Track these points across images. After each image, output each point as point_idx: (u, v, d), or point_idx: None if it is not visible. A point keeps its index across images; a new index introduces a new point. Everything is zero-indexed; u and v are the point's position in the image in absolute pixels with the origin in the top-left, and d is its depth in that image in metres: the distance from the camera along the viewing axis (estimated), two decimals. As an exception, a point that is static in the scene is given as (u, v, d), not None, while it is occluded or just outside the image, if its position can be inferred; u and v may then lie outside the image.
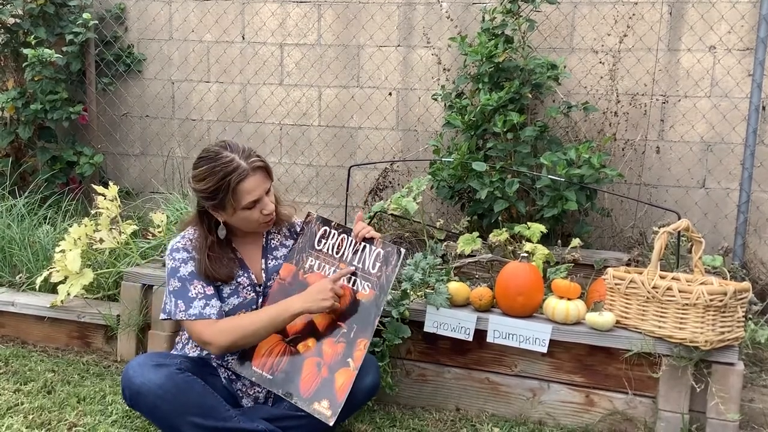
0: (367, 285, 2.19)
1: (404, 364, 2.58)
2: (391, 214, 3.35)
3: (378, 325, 2.43)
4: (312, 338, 2.16)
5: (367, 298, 2.17)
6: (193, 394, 2.03)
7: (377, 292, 2.17)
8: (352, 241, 2.23)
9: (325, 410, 2.05)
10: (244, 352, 2.17)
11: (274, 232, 2.36)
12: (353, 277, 2.20)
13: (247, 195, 2.12)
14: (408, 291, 2.46)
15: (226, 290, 2.21)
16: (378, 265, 2.19)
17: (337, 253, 2.24)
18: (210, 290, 2.18)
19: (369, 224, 3.42)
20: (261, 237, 2.33)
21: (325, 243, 2.26)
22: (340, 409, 2.05)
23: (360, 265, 2.21)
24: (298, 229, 2.38)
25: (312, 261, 2.25)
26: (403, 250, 2.19)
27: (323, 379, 2.10)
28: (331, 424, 2.05)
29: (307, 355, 2.14)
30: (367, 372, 2.19)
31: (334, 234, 2.26)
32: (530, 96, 3.38)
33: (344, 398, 2.06)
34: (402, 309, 2.42)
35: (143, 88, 4.45)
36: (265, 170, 2.18)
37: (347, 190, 3.43)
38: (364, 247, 2.22)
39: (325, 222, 2.29)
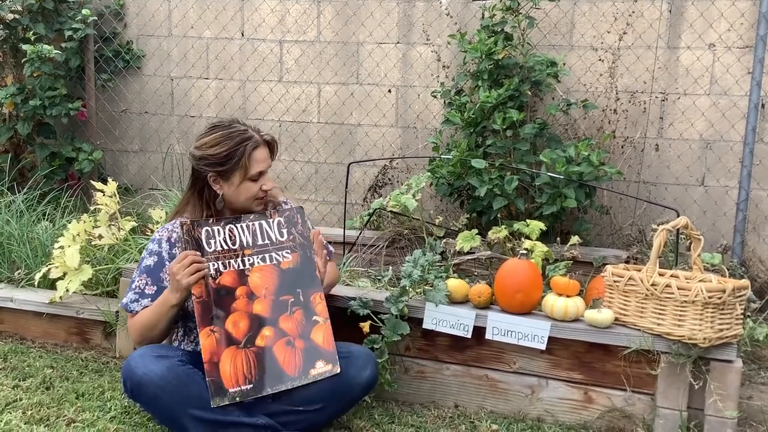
0: (286, 252, 2.23)
1: (403, 361, 2.58)
2: (390, 211, 3.36)
3: (377, 322, 2.44)
4: (265, 327, 2.12)
5: (293, 262, 2.22)
6: (194, 386, 2.03)
7: (300, 252, 2.24)
8: (241, 226, 2.22)
9: (324, 367, 2.11)
10: (215, 384, 2.02)
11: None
12: (268, 254, 2.21)
13: (256, 164, 2.21)
14: (407, 288, 2.46)
15: None
16: (284, 231, 2.25)
17: (233, 244, 2.19)
18: (151, 290, 2.21)
19: (368, 221, 3.43)
20: None
21: (214, 242, 2.17)
22: (336, 356, 2.12)
23: (267, 242, 2.22)
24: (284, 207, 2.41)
25: (214, 265, 2.14)
26: (301, 207, 2.30)
27: (302, 349, 2.12)
28: (338, 371, 2.11)
29: (270, 344, 2.11)
30: (364, 366, 2.19)
31: (219, 230, 2.19)
32: (530, 93, 3.38)
33: (333, 346, 2.14)
34: (401, 306, 2.42)
35: (142, 84, 4.45)
36: (272, 146, 2.29)
37: (346, 187, 3.43)
38: (260, 224, 2.23)
39: (201, 224, 2.18)
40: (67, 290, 2.89)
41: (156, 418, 2.18)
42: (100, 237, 3.04)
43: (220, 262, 2.15)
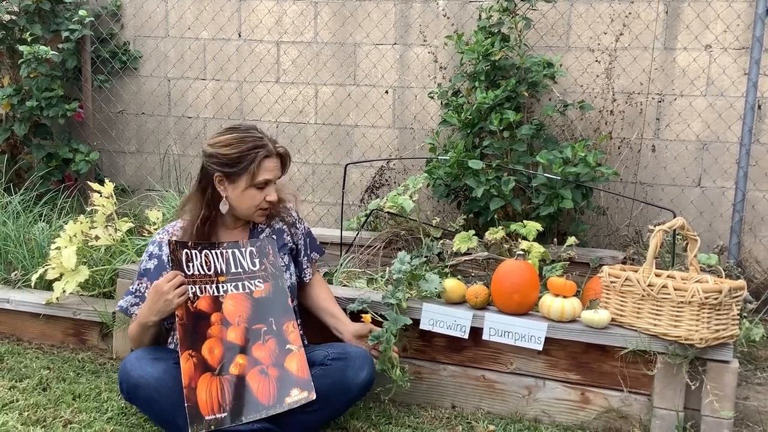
0: (258, 281, 2.23)
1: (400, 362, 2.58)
2: (388, 212, 3.36)
3: (378, 317, 2.43)
4: (238, 355, 2.10)
5: (266, 292, 2.22)
6: (189, 389, 2.03)
7: (273, 281, 2.24)
8: (216, 252, 2.21)
9: (299, 394, 2.08)
10: (192, 410, 1.97)
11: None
12: (241, 282, 2.20)
13: (265, 172, 2.20)
14: (401, 279, 2.44)
15: None
16: (256, 260, 2.25)
17: (209, 270, 2.18)
18: None
19: (365, 222, 3.43)
20: (248, 226, 2.36)
21: (192, 266, 2.15)
22: (312, 383, 2.09)
23: (240, 270, 2.22)
24: (294, 214, 2.42)
25: (192, 288, 2.12)
26: (273, 238, 2.32)
27: (276, 377, 2.09)
28: (314, 397, 2.08)
29: (245, 372, 2.09)
30: (361, 367, 2.19)
31: (196, 254, 2.17)
32: (526, 94, 3.38)
33: (308, 374, 2.11)
34: (399, 295, 2.40)
35: (139, 85, 4.45)
36: (284, 159, 2.29)
37: (343, 188, 3.43)
38: (233, 252, 2.23)
39: (182, 245, 2.17)
40: (64, 291, 2.88)
41: (152, 420, 2.17)
42: (97, 238, 3.03)
43: (197, 287, 2.14)
